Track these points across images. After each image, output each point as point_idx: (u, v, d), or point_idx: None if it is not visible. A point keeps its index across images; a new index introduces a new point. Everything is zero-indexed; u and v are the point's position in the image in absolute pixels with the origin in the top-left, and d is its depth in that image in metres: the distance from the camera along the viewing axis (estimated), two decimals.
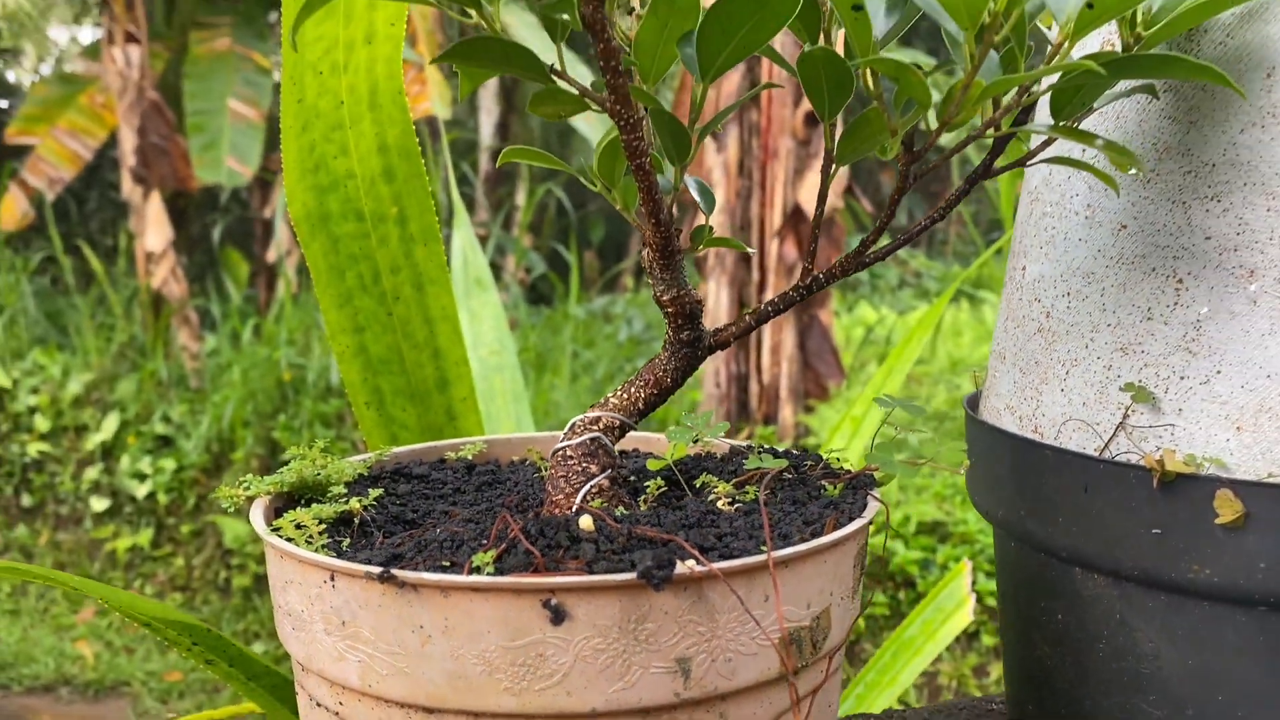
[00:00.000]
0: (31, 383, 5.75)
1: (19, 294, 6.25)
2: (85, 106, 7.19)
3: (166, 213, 6.03)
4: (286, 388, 5.39)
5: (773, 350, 4.60)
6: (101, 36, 6.25)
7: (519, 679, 0.33)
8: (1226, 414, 0.45)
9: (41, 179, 6.83)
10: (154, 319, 5.90)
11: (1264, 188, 0.43)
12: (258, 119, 6.68)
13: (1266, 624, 0.45)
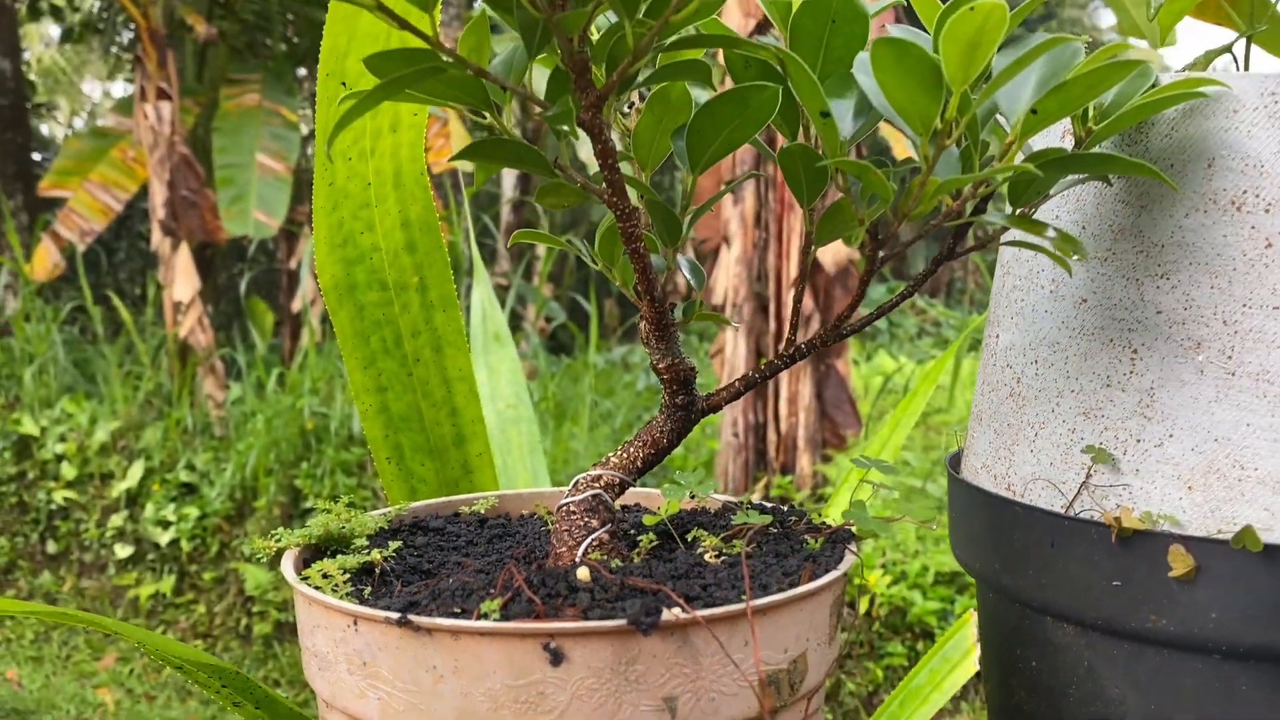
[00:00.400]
0: (59, 430, 5.83)
1: (49, 343, 6.35)
2: (117, 160, 7.33)
3: (194, 263, 6.13)
4: (309, 436, 5.44)
5: (790, 400, 4.62)
6: (134, 92, 6.40)
7: (521, 715, 0.37)
8: (1179, 474, 0.48)
9: (73, 231, 6.96)
10: (180, 368, 5.98)
11: (1207, 267, 0.47)
12: (285, 172, 6.80)
13: (1220, 671, 0.48)
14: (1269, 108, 0.46)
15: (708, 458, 4.76)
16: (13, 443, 5.88)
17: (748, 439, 4.61)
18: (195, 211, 6.08)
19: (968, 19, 0.35)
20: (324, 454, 5.15)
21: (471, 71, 0.38)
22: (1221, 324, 0.47)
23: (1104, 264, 0.51)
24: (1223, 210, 0.47)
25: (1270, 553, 0.46)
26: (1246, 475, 0.47)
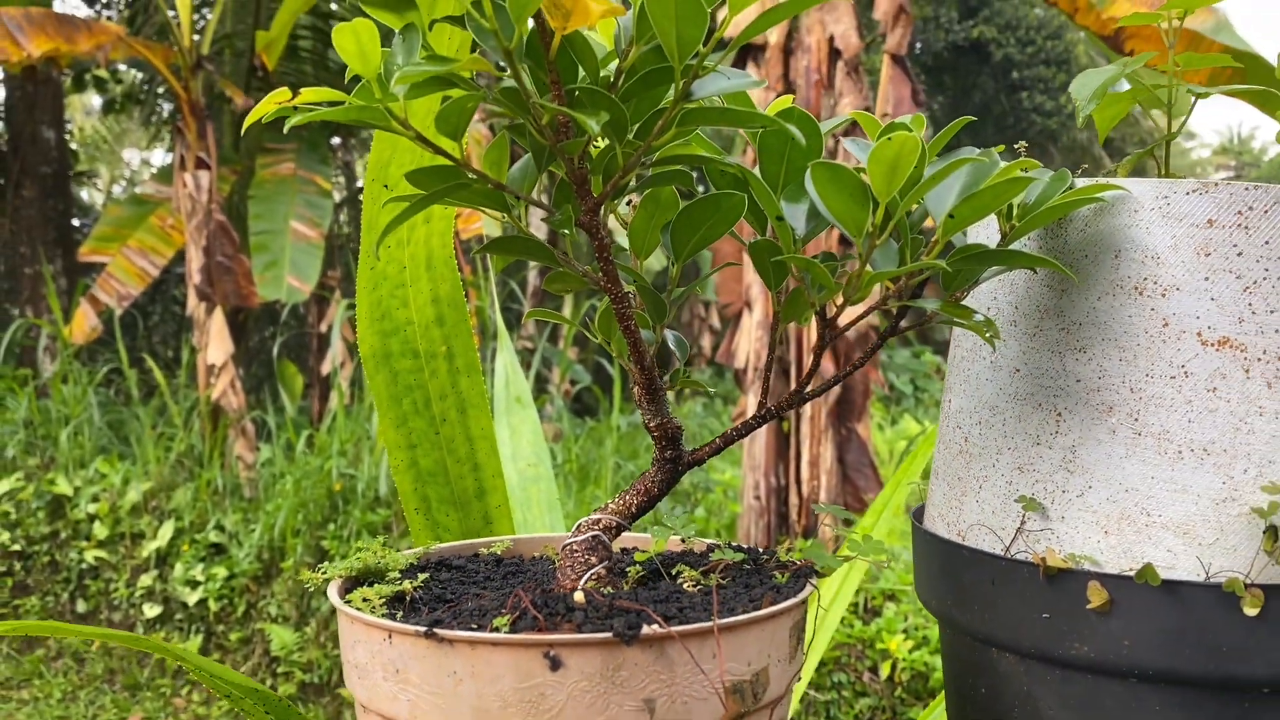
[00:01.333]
0: (92, 490, 5.92)
1: (85, 405, 6.47)
2: (154, 227, 7.51)
3: (228, 327, 6.27)
4: (336, 498, 5.51)
5: (811, 463, 4.67)
6: (174, 162, 6.60)
7: (526, 713, 0.45)
8: (1096, 520, 0.56)
9: (111, 295, 7.12)
10: (212, 430, 6.09)
11: (1116, 342, 0.56)
12: (318, 239, 6.96)
13: (1136, 693, 0.56)
14: (1162, 208, 0.55)
15: (730, 520, 4.81)
16: (47, 502, 5.98)
17: (770, 502, 4.66)
18: (230, 277, 6.24)
19: (888, 146, 0.44)
20: (351, 515, 5.22)
21: (492, 185, 0.48)
22: (1129, 391, 0.55)
23: (1033, 339, 0.59)
24: (1128, 294, 0.55)
25: (1169, 587, 0.53)
26: (1152, 521, 0.55)
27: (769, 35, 4.77)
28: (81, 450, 6.23)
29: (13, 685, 5.20)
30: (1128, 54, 4.39)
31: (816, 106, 4.73)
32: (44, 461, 6.21)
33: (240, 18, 8.18)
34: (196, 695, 4.97)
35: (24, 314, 8.77)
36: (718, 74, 0.46)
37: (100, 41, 5.95)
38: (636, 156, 0.47)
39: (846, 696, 3.87)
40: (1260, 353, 0.53)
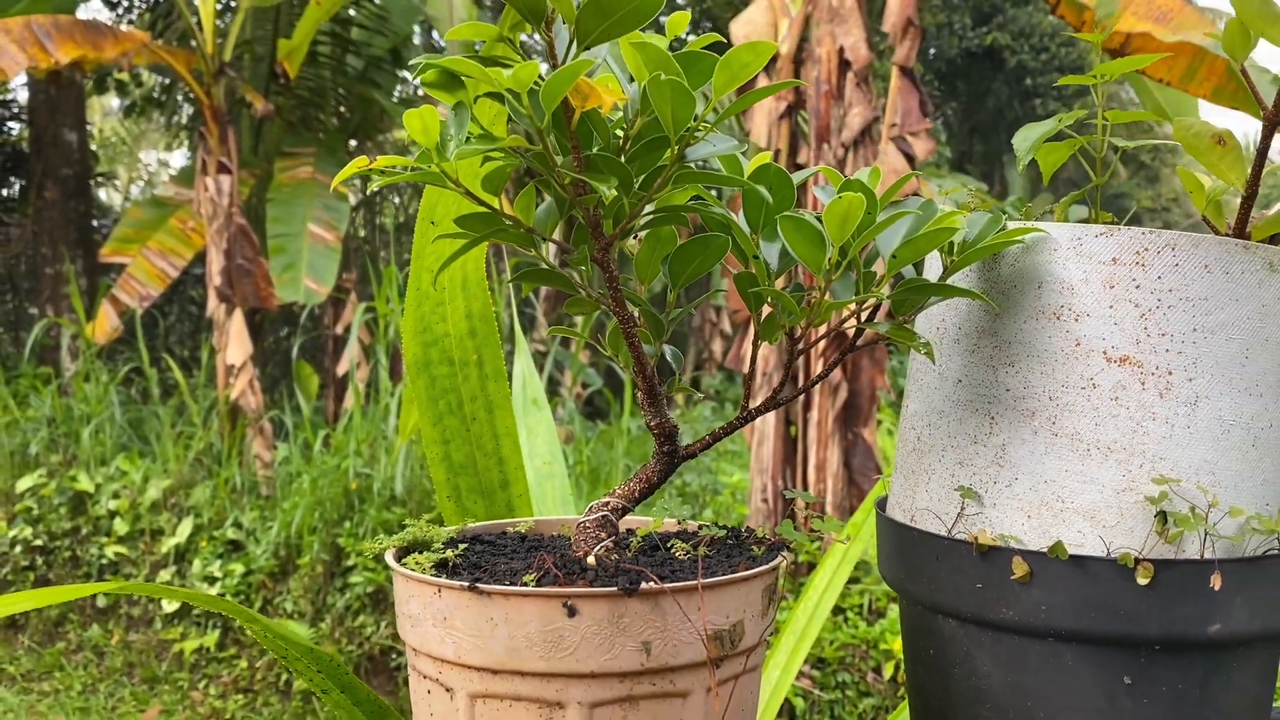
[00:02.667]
0: (113, 488, 6.04)
1: (106, 403, 6.59)
2: (175, 229, 7.63)
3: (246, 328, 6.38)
4: (353, 496, 5.62)
5: (818, 468, 4.77)
6: (196, 166, 6.72)
7: (549, 650, 0.57)
8: (1021, 507, 0.68)
9: (132, 296, 7.23)
10: (231, 429, 6.21)
11: (1038, 359, 0.67)
12: (335, 242, 7.07)
13: (1054, 650, 0.67)
14: (1075, 248, 0.66)
15: (738, 522, 4.91)
16: (68, 499, 6.09)
17: (777, 505, 4.76)
18: (250, 279, 6.36)
19: (839, 204, 0.55)
20: (366, 514, 5.33)
21: (523, 229, 0.59)
22: (1048, 399, 0.67)
23: (972, 355, 0.70)
24: (1048, 319, 0.67)
25: (1078, 561, 0.65)
26: (1065, 507, 0.66)
27: (780, 46, 4.88)
28: (103, 448, 6.35)
29: (34, 677, 5.33)
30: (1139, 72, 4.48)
31: (826, 116, 4.84)
32: (66, 458, 6.33)
33: (259, 23, 8.31)
34: (213, 689, 5.08)
35: (45, 313, 8.91)
36: (706, 141, 0.58)
37: (126, 48, 6.08)
38: (640, 206, 0.59)
39: (850, 696, 3.98)
40: (1154, 368, 0.65)
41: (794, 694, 3.90)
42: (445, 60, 0.52)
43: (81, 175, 9.73)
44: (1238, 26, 0.62)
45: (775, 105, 4.91)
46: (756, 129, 4.97)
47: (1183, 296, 0.64)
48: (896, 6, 4.87)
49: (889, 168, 4.67)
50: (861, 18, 4.88)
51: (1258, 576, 0.66)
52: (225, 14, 7.67)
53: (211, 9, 6.20)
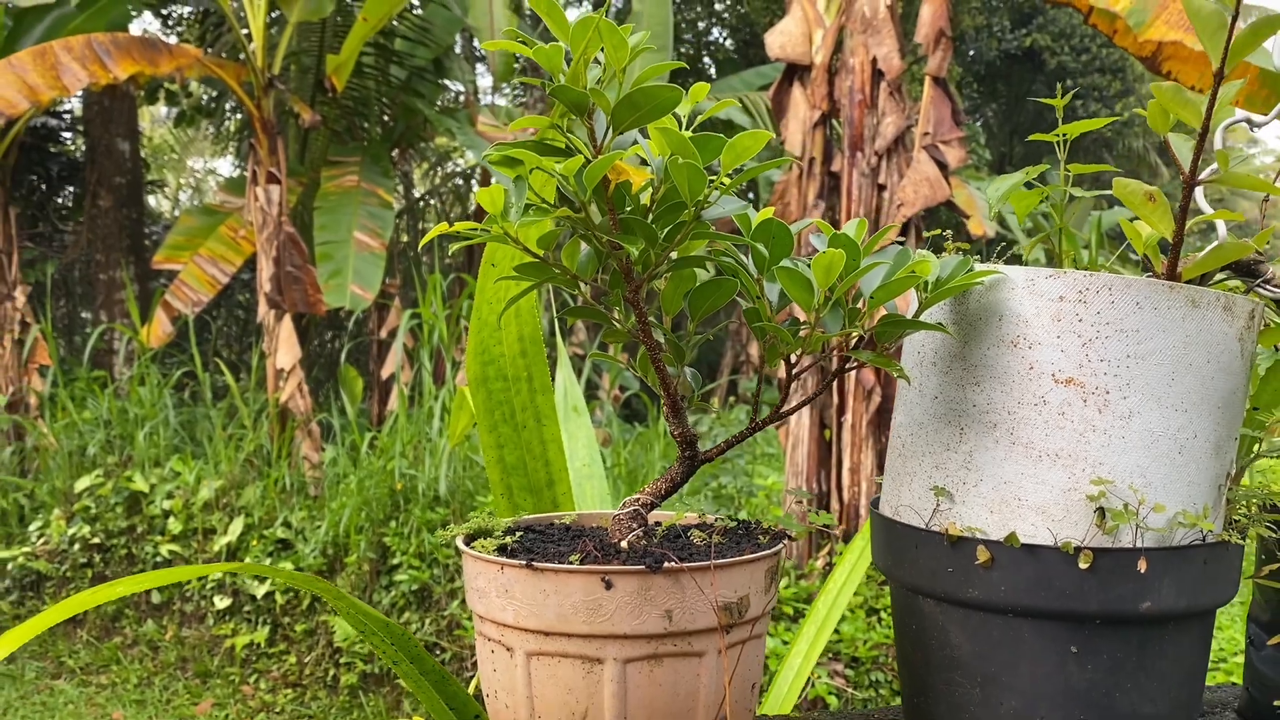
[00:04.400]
0: (167, 488, 6.23)
1: (160, 406, 6.78)
2: (224, 236, 7.83)
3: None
4: (398, 496, 5.77)
5: (852, 470, 4.87)
6: (247, 176, 6.91)
7: (589, 617, 0.71)
8: (985, 504, 0.81)
9: (185, 301, 7.43)
10: (280, 431, 6.38)
11: (999, 380, 0.80)
12: (380, 249, 7.24)
13: (1012, 624, 0.80)
14: (1029, 287, 0.79)
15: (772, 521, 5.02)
16: (124, 498, 6.29)
17: (812, 507, 4.86)
18: (299, 286, 6.54)
19: (824, 258, 0.69)
20: (411, 514, 5.47)
21: (569, 275, 0.73)
22: (1007, 414, 0.80)
23: (945, 375, 0.84)
24: (1007, 346, 0.80)
25: (1030, 549, 0.78)
26: (1021, 504, 0.79)
27: (815, 57, 5.00)
28: (157, 449, 6.54)
29: (92, 671, 5.52)
30: (1165, 75, 4.56)
31: (860, 125, 4.95)
32: (122, 459, 6.54)
33: (305, 35, 8.51)
34: (264, 683, 5.25)
35: (98, 318, 9.18)
36: (718, 205, 0.72)
37: (180, 63, 6.29)
38: (664, 256, 0.73)
39: (884, 695, 4.08)
40: (1094, 388, 0.78)
41: (828, 691, 4.02)
42: (509, 149, 0.66)
43: (134, 183, 9.98)
44: (1159, 108, 0.75)
45: (810, 115, 5.02)
46: (791, 139, 5.09)
47: (1118, 329, 0.77)
48: (929, 17, 4.97)
49: (921, 176, 4.77)
50: (894, 28, 4.98)
51: (1183, 562, 0.78)
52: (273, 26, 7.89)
53: (262, 23, 6.39)
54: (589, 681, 0.72)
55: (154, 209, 14.33)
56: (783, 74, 5.14)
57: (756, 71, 9.74)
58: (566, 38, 0.65)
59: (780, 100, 5.21)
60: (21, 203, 9.57)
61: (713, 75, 13.14)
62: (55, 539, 6.21)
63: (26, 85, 5.55)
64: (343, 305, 6.97)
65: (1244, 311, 0.80)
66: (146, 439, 6.49)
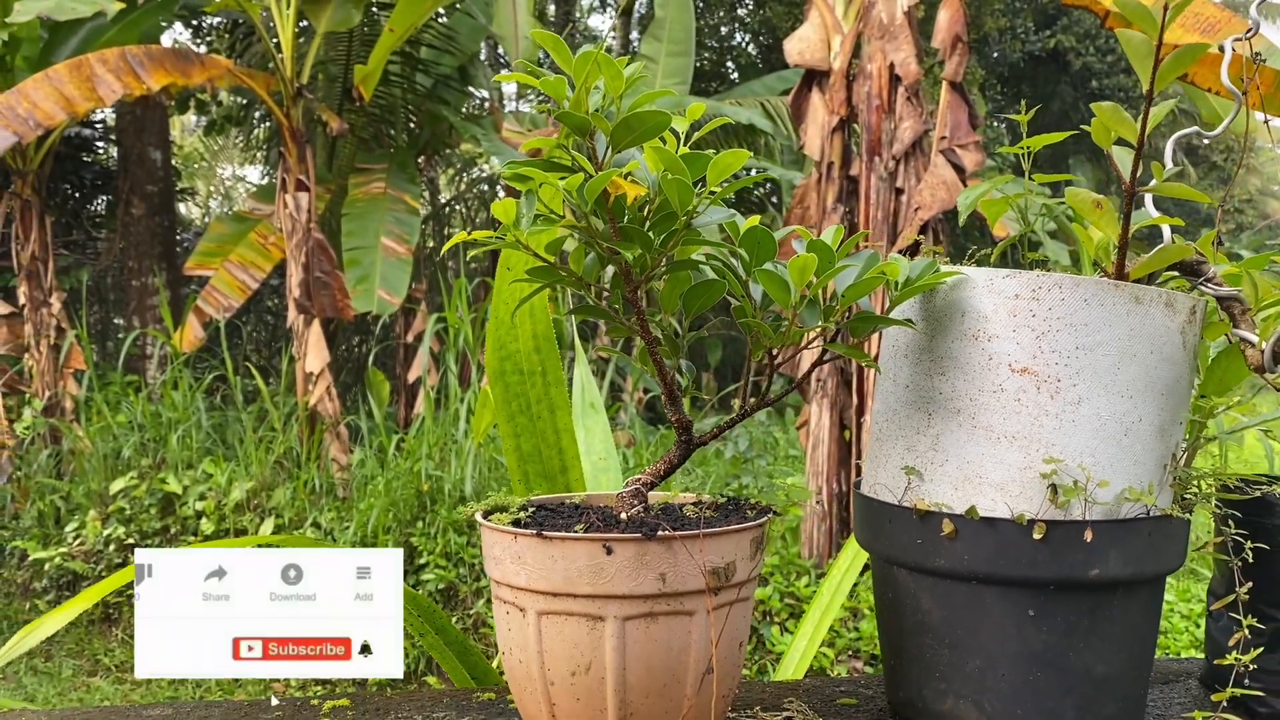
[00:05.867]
0: (200, 489, 6.34)
1: (193, 410, 6.91)
2: (254, 243, 7.96)
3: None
4: (425, 497, 5.86)
5: None
6: (276, 184, 7.04)
7: (593, 579, 0.80)
8: (950, 481, 0.90)
9: (216, 307, 7.56)
10: (309, 434, 6.49)
11: (962, 370, 0.89)
12: (406, 254, 7.35)
13: (975, 590, 0.89)
14: (988, 286, 0.88)
15: (794, 524, 5.09)
16: (158, 500, 6.41)
17: (832, 506, 4.93)
18: (327, 291, 6.65)
19: (798, 261, 0.78)
20: (438, 514, 5.56)
21: (575, 278, 0.83)
22: (969, 400, 0.89)
23: (916, 366, 0.93)
24: (969, 340, 0.89)
25: (989, 522, 0.87)
26: (982, 481, 0.88)
27: (833, 62, 5.08)
28: (189, 451, 6.66)
29: (128, 669, 5.64)
30: (1182, 77, 4.60)
31: (878, 130, 5.03)
32: (155, 462, 6.67)
33: (333, 44, 8.64)
34: (295, 680, 5.35)
35: (131, 324, 9.35)
36: (706, 215, 0.81)
37: (211, 74, 6.43)
38: (659, 260, 0.82)
39: None
40: (1046, 377, 0.87)
41: None
42: (521, 166, 0.76)
43: (165, 191, 10.14)
44: (1101, 125, 0.84)
45: (828, 120, 5.10)
46: (810, 143, 5.17)
47: (1068, 323, 0.86)
48: (945, 22, 5.03)
49: (938, 180, 4.84)
50: (911, 34, 5.05)
51: (1128, 534, 0.87)
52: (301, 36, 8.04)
53: (291, 34, 6.51)
54: (592, 637, 0.81)
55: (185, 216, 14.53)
56: (802, 79, 5.22)
57: (778, 76, 9.82)
58: (570, 68, 0.75)
59: (799, 106, 5.29)
60: (56, 211, 9.76)
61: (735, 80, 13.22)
62: (91, 540, 6.35)
63: (64, 97, 5.71)
64: (370, 310, 7.08)
65: (1185, 307, 0.89)
66: (179, 442, 6.62)
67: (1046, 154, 8.59)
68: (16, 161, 7.08)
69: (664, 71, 9.10)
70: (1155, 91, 0.79)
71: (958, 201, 0.94)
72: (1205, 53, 0.77)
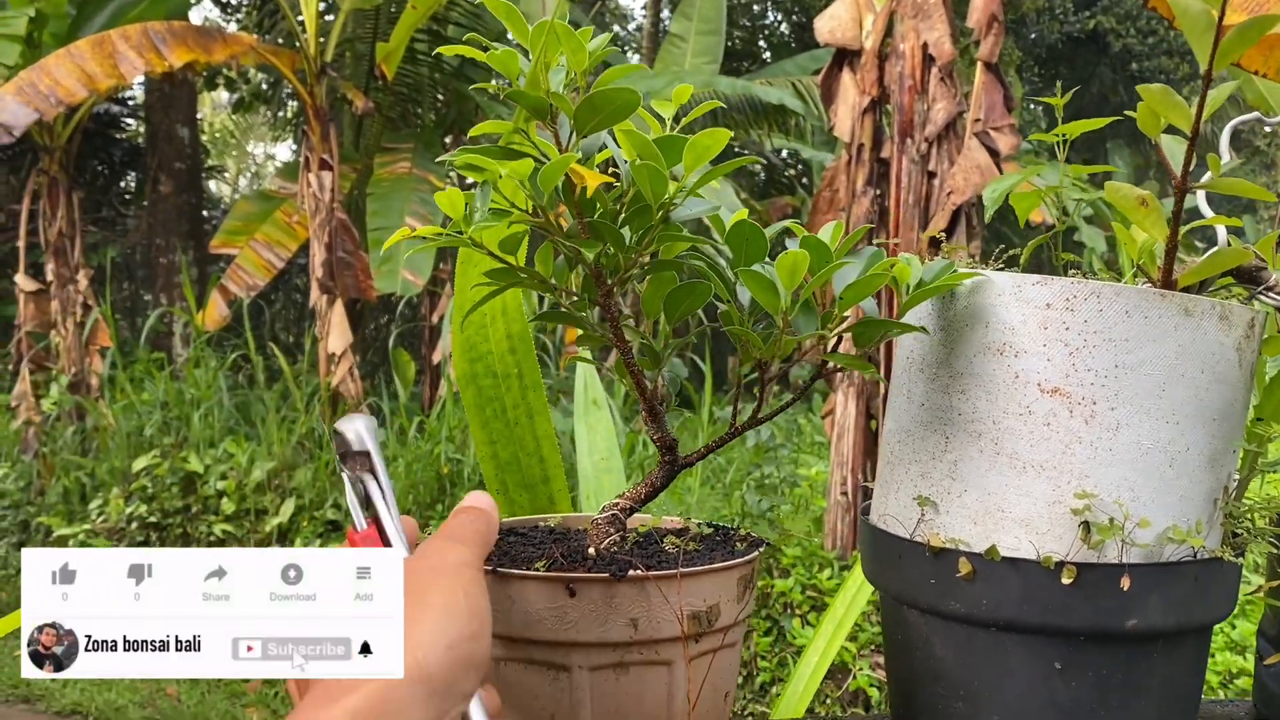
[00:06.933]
0: (221, 469, 6.33)
1: (215, 389, 6.89)
2: (280, 221, 7.92)
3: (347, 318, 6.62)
4: (444, 480, 5.81)
5: None
6: (300, 162, 6.98)
7: (555, 623, 0.70)
8: (969, 515, 0.79)
9: (240, 286, 7.53)
10: (331, 414, 6.46)
11: (984, 388, 0.78)
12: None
13: (995, 638, 0.78)
14: (1016, 293, 0.77)
15: (817, 515, 4.98)
16: (180, 479, 6.40)
17: (856, 498, 4.82)
18: (350, 271, 6.60)
19: (787, 258, 0.67)
20: (457, 497, 5.52)
21: (539, 280, 0.73)
22: (992, 423, 0.78)
23: (931, 382, 0.82)
24: (993, 354, 0.78)
25: (1012, 563, 0.76)
26: (1005, 516, 0.77)
27: (865, 42, 4.94)
28: (211, 431, 6.65)
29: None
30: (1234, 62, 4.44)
31: (910, 111, 4.88)
32: (178, 440, 6.66)
33: (360, 22, 8.57)
34: None
35: (159, 301, 9.35)
36: (686, 206, 0.71)
37: (234, 51, 6.36)
38: (634, 261, 0.72)
39: None
40: (1080, 399, 0.75)
41: (869, 684, 3.99)
42: (469, 155, 0.65)
43: (193, 169, 10.12)
44: (1148, 110, 0.73)
45: (859, 100, 4.96)
46: (841, 124, 5.03)
47: (1106, 338, 0.75)
48: (981, 2, 4.87)
49: (972, 163, 4.69)
50: (946, 13, 4.89)
51: (1171, 579, 0.76)
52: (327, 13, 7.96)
53: (314, 11, 6.43)
54: (555, 689, 0.71)
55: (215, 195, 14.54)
56: (832, 59, 5.08)
57: (811, 55, 9.65)
58: (525, 40, 0.64)
59: (829, 85, 5.15)
60: (85, 188, 9.77)
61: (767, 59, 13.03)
62: (114, 517, 6.35)
63: (85, 74, 5.66)
64: (394, 291, 7.03)
65: (1242, 320, 0.78)
66: (201, 420, 6.61)
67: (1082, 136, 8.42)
68: (44, 138, 7.06)
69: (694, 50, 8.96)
70: (1214, 72, 0.67)
71: (984, 195, 0.82)
72: (1275, 27, 0.65)
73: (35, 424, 7.08)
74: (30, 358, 7.37)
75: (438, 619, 0.56)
